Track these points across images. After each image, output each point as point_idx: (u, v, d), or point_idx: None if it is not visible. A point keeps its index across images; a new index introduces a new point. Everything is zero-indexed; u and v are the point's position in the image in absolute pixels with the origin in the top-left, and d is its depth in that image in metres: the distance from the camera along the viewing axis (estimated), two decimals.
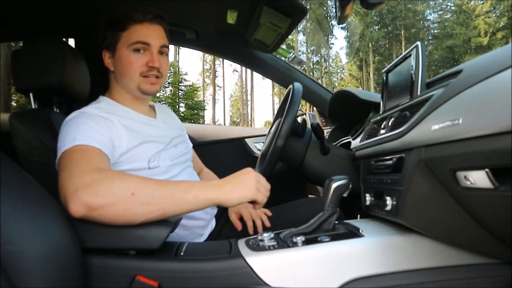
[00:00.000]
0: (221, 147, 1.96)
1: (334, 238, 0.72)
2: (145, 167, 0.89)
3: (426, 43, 30.38)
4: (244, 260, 0.68)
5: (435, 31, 31.61)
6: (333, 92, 1.58)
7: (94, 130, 0.81)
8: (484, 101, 0.52)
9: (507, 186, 0.52)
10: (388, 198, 0.75)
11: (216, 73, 31.51)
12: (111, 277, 0.65)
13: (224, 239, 0.83)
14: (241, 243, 0.76)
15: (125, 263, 0.67)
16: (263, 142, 1.40)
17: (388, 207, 0.75)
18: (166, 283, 0.65)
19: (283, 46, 1.73)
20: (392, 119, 0.81)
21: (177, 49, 25.00)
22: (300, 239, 0.72)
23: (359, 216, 1.16)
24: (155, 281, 0.65)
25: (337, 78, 36.78)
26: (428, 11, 32.19)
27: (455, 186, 0.60)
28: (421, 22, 32.22)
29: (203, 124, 19.83)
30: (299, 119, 1.95)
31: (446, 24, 30.10)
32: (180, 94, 22.86)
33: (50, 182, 0.70)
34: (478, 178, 0.54)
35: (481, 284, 0.69)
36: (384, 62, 30.40)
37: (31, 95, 1.12)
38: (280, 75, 1.86)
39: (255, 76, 31.75)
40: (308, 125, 1.23)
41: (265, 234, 0.74)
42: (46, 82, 1.05)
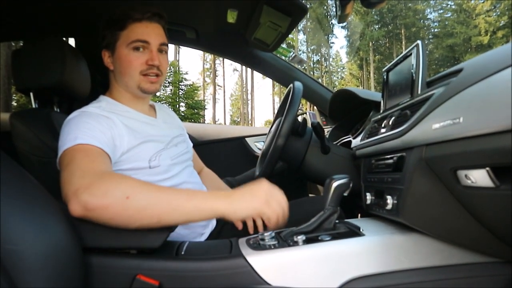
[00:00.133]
0: (222, 147, 1.96)
1: (335, 237, 0.72)
2: (146, 166, 0.89)
3: (427, 42, 30.31)
4: (245, 260, 0.68)
5: (436, 30, 31.63)
6: (334, 91, 1.58)
7: (96, 129, 0.81)
8: (485, 100, 0.52)
9: (508, 185, 0.51)
10: (389, 197, 0.75)
11: (217, 73, 31.57)
12: (112, 277, 0.65)
13: (225, 238, 0.83)
14: (242, 242, 0.76)
15: (126, 263, 0.66)
16: (264, 142, 1.40)
17: (389, 206, 0.75)
18: (167, 283, 0.65)
19: (284, 45, 1.73)
20: (393, 118, 0.81)
21: (177, 49, 25.02)
22: (301, 238, 0.71)
23: (360, 215, 1.16)
24: (156, 280, 0.64)
25: (338, 77, 36.79)
26: (429, 10, 32.23)
27: (456, 185, 0.59)
28: (422, 21, 32.19)
29: (204, 124, 19.84)
30: (300, 118, 1.95)
31: (447, 23, 30.09)
32: (181, 94, 22.83)
33: (51, 182, 0.71)
34: (479, 177, 0.54)
35: (482, 283, 0.69)
36: (385, 61, 30.40)
37: (32, 95, 1.12)
38: (281, 74, 1.86)
39: (256, 75, 31.81)
40: (309, 124, 1.23)
41: (266, 233, 0.74)
42: (47, 82, 1.05)
